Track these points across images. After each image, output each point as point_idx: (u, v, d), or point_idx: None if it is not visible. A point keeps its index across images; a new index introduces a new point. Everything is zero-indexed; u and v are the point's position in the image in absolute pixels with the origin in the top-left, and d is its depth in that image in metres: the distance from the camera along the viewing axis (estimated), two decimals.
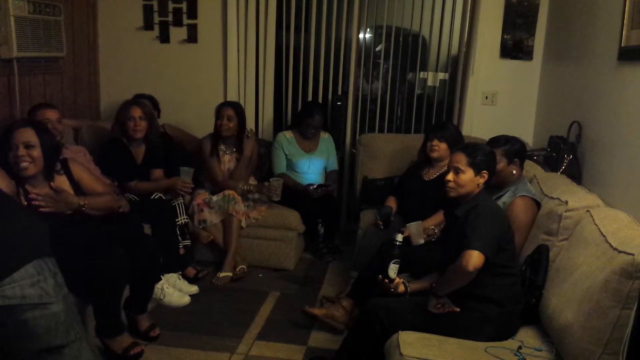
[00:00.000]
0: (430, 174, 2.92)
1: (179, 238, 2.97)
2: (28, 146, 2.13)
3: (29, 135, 2.14)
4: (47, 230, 1.36)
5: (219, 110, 3.21)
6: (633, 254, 1.56)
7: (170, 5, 3.71)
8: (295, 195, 3.32)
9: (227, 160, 3.29)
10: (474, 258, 1.77)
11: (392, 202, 2.98)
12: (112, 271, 2.13)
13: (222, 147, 3.26)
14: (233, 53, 3.71)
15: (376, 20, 3.84)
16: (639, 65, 2.16)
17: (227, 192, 3.15)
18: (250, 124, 3.79)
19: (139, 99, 3.26)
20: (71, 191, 2.30)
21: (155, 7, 3.72)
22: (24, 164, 2.12)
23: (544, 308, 1.89)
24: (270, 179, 3.21)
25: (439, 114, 3.87)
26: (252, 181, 3.36)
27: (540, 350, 1.81)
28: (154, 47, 3.78)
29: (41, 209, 2.15)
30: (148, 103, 3.36)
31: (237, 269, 3.10)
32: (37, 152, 2.15)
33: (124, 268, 2.18)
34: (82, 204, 2.27)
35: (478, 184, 1.95)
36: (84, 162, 2.74)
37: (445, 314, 1.87)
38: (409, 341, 1.77)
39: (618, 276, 1.57)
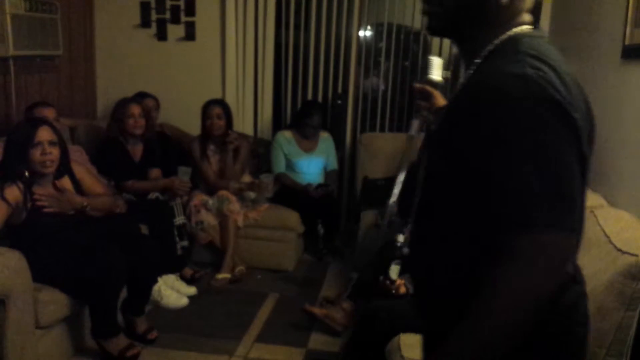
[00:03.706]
0: None
1: (177, 239, 2.95)
2: (51, 144, 2.14)
3: (50, 133, 2.16)
4: None
5: (206, 110, 3.19)
6: (637, 255, 1.54)
7: (168, 3, 3.68)
8: (294, 195, 3.29)
9: (218, 160, 3.26)
10: None
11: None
12: (109, 272, 2.11)
13: (211, 147, 3.23)
14: (231, 51, 3.68)
15: (377, 18, 3.81)
16: None
17: (220, 192, 3.13)
18: (249, 123, 3.77)
19: (140, 98, 3.24)
20: (73, 191, 2.29)
21: (153, 5, 3.69)
22: (49, 162, 2.13)
23: None
24: (260, 176, 3.20)
25: None
26: (248, 179, 3.32)
27: None
28: (151, 45, 3.76)
29: (45, 210, 2.14)
30: (151, 100, 3.35)
31: (236, 270, 3.08)
32: (57, 151, 2.17)
33: (121, 269, 2.16)
34: (85, 205, 2.26)
35: None
36: (81, 161, 2.72)
37: None
38: (410, 343, 1.75)
39: (622, 277, 1.55)
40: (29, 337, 1.96)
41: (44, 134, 2.13)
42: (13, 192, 2.08)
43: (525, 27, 0.87)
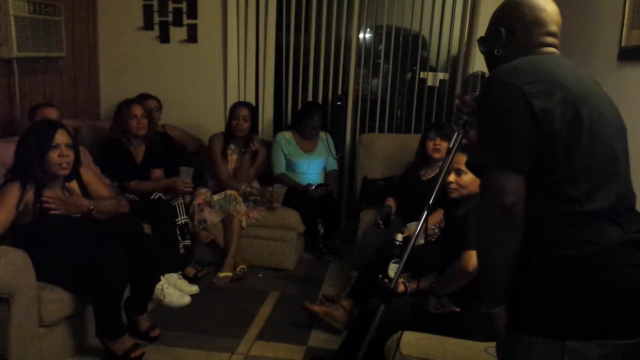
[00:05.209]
0: (428, 174, 2.93)
1: (179, 238, 2.98)
2: (68, 147, 2.17)
3: (67, 136, 2.19)
4: None
5: (234, 110, 3.23)
6: None
7: (170, 5, 3.71)
8: (295, 195, 3.32)
9: (235, 160, 3.29)
10: (474, 258, 1.77)
11: (391, 203, 2.99)
12: (113, 272, 2.13)
13: (232, 146, 3.27)
14: (233, 53, 3.71)
15: (376, 20, 3.84)
16: (639, 65, 2.16)
17: (229, 192, 3.15)
18: None
19: (142, 99, 3.27)
20: (80, 194, 2.31)
21: (155, 7, 3.72)
22: (66, 165, 2.16)
23: None
24: (274, 185, 3.21)
25: (439, 114, 3.87)
26: (255, 184, 3.36)
27: None
28: (154, 47, 3.79)
29: (52, 212, 2.16)
30: (153, 102, 3.38)
31: (237, 269, 3.10)
32: (72, 154, 2.20)
33: (125, 269, 2.18)
34: (91, 208, 2.28)
35: (480, 184, 1.94)
36: (85, 162, 2.75)
37: (445, 314, 1.86)
38: (408, 341, 1.77)
39: None
40: (33, 335, 1.98)
41: (62, 136, 2.16)
42: (25, 194, 2.10)
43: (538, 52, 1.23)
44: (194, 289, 2.85)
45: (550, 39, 1.26)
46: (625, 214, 1.11)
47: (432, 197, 1.42)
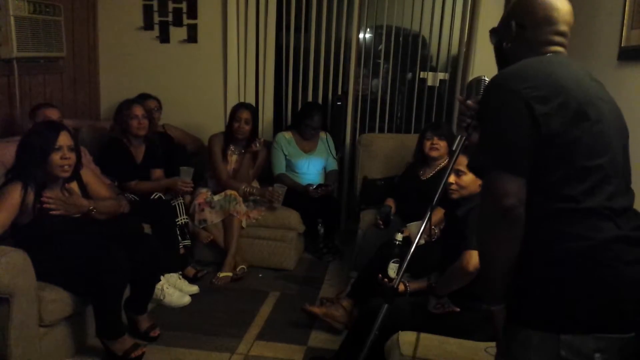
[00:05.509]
0: (427, 174, 2.93)
1: (179, 238, 2.98)
2: (70, 149, 2.18)
3: (69, 138, 2.20)
4: None
5: (236, 113, 3.23)
6: None
7: (170, 5, 3.71)
8: (295, 195, 3.32)
9: (235, 160, 3.29)
10: (475, 258, 1.77)
11: (390, 203, 2.99)
12: (113, 272, 2.13)
13: (232, 147, 3.27)
14: (233, 53, 3.71)
15: (376, 20, 3.84)
16: (639, 65, 2.16)
17: (229, 192, 3.16)
18: None
19: (142, 99, 3.27)
20: (80, 195, 2.31)
21: (155, 7, 3.72)
22: (67, 167, 2.16)
23: None
24: (275, 185, 3.21)
25: (439, 114, 3.87)
26: (255, 184, 3.36)
27: None
28: (154, 47, 3.79)
29: (52, 212, 2.16)
30: (153, 102, 3.38)
31: (237, 269, 3.10)
32: (74, 156, 2.21)
33: (125, 269, 2.18)
34: (91, 208, 2.28)
35: (480, 184, 1.95)
36: (85, 162, 2.75)
37: (445, 314, 1.87)
38: (409, 341, 1.77)
39: None
40: (33, 335, 1.99)
41: (65, 138, 2.17)
42: (26, 195, 2.10)
43: (544, 53, 1.23)
44: (194, 289, 2.85)
45: (558, 38, 1.26)
46: (623, 213, 1.13)
47: (436, 199, 1.47)
